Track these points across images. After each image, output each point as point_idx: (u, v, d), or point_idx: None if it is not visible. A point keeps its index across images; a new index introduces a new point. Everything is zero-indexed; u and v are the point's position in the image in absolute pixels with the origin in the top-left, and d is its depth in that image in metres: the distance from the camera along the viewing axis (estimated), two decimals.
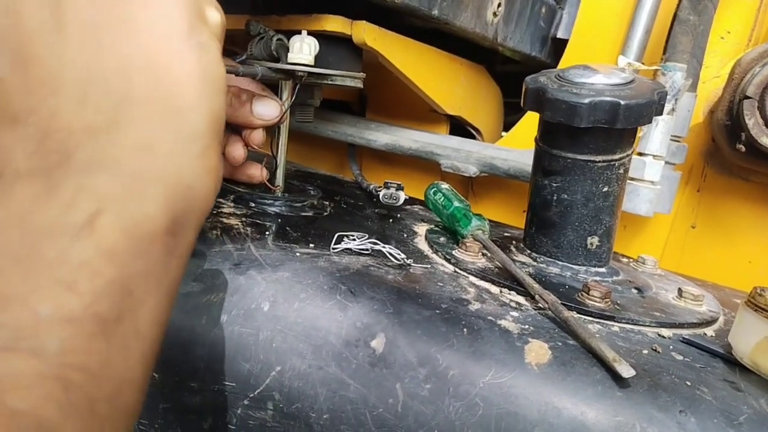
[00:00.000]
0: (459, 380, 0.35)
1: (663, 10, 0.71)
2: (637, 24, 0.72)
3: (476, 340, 0.37)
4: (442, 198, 0.59)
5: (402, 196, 0.63)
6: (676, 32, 0.60)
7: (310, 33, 0.56)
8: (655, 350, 0.39)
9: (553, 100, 0.45)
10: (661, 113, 0.46)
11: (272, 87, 0.58)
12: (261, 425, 0.38)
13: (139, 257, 0.22)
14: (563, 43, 0.87)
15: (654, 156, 0.61)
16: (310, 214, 0.58)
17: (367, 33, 0.59)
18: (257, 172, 0.54)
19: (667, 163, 0.66)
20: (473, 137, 0.90)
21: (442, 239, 0.55)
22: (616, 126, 0.44)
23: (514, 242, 0.57)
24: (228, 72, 0.49)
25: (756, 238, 0.73)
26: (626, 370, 0.34)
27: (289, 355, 0.38)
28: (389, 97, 0.91)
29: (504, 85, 0.96)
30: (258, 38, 0.57)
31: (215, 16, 0.29)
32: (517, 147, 0.79)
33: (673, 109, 0.60)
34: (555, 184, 0.50)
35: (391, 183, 0.63)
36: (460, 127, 0.90)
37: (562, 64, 0.82)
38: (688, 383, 0.35)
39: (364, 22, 0.59)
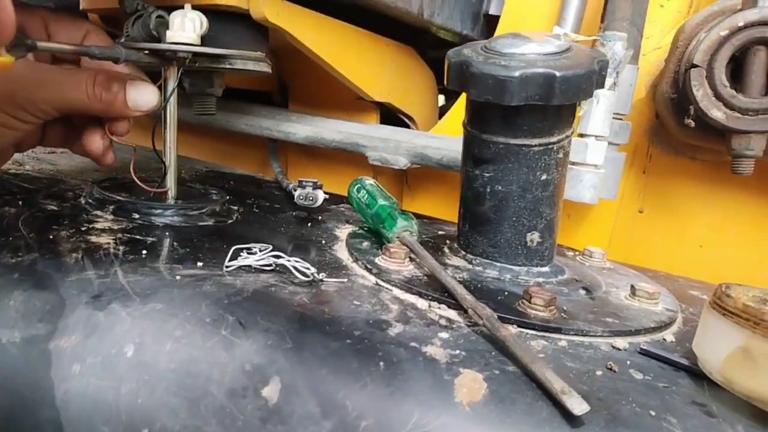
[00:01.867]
0: None
1: None
2: None
3: (395, 377, 0.29)
4: (366, 195, 0.52)
5: (320, 195, 0.55)
6: None
7: (198, 8, 0.47)
8: (611, 369, 0.33)
9: (479, 74, 0.38)
10: (602, 86, 0.40)
11: (158, 76, 0.49)
12: None
13: None
14: (496, 20, 0.80)
15: (596, 137, 0.56)
16: (209, 223, 0.49)
17: (267, 6, 0.51)
18: (96, 145, 0.45)
19: (610, 143, 0.61)
20: (407, 126, 0.83)
21: (365, 244, 0.48)
22: (553, 102, 0.37)
23: (448, 242, 0.50)
24: (76, 53, 0.40)
25: (706, 220, 0.69)
26: (578, 405, 0.27)
27: (158, 413, 0.30)
28: (313, 85, 0.83)
29: (439, 70, 0.89)
30: (135, 16, 0.47)
31: None
32: (451, 134, 0.73)
33: (614, 84, 0.54)
34: (487, 174, 0.43)
35: (306, 181, 0.55)
36: (392, 117, 0.83)
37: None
38: (652, 413, 0.29)
39: None
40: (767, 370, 0.29)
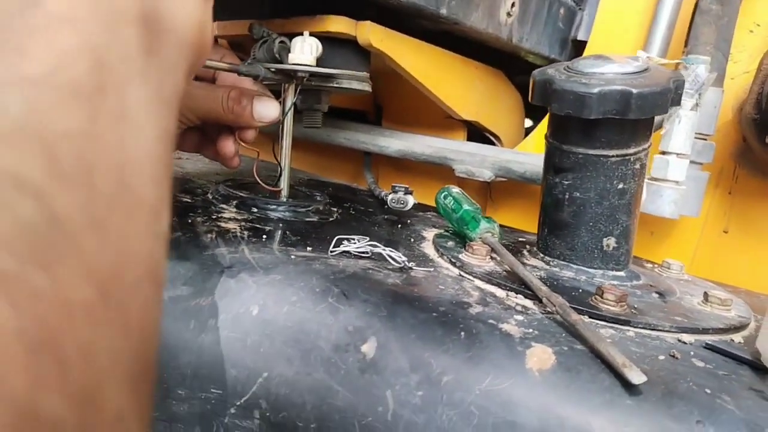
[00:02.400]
0: (453, 387, 0.32)
1: (686, 4, 0.68)
2: (659, 19, 0.69)
3: (474, 345, 0.34)
4: (452, 201, 0.57)
5: (410, 200, 0.61)
6: (697, 23, 0.57)
7: (314, 35, 0.55)
8: (673, 356, 0.36)
9: (561, 91, 0.42)
10: (678, 103, 0.43)
11: (277, 94, 0.57)
12: None
13: (107, 31, 0.20)
14: (584, 45, 0.84)
15: (678, 154, 0.58)
16: (314, 219, 0.56)
17: (372, 33, 0.58)
18: (229, 149, 0.53)
19: (693, 162, 0.62)
20: (492, 144, 0.87)
21: (450, 243, 0.53)
22: (629, 116, 0.41)
23: (527, 246, 0.54)
24: (230, 71, 0.48)
25: None
26: (637, 376, 0.31)
27: (276, 360, 0.36)
28: (404, 105, 0.90)
29: (526, 93, 0.93)
30: (261, 41, 0.56)
31: None
32: (535, 151, 0.77)
33: (696, 104, 0.57)
34: (566, 182, 0.47)
35: (399, 187, 0.61)
36: (478, 135, 0.88)
37: None
38: (708, 391, 0.32)
39: (369, 22, 0.57)
40: None
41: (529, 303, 0.41)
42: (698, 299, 0.47)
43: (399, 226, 0.61)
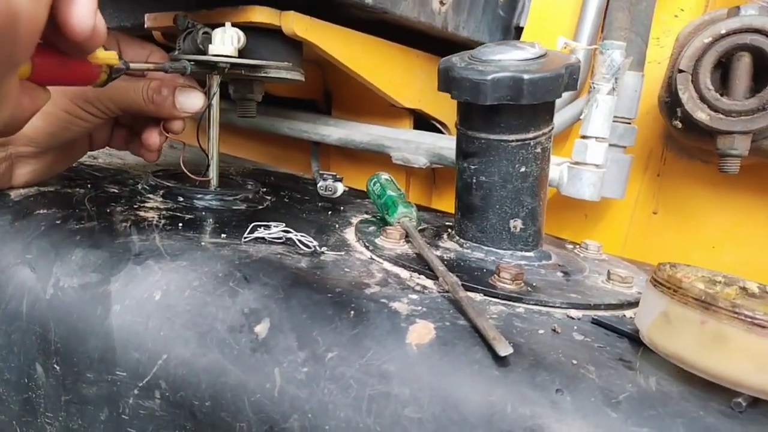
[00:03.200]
0: (336, 362, 0.34)
1: None
2: (588, 4, 0.70)
3: (361, 323, 0.36)
4: (379, 187, 0.58)
5: (340, 187, 0.63)
6: (612, 8, 0.59)
7: (239, 25, 0.56)
8: (555, 331, 0.38)
9: (459, 78, 0.44)
10: (574, 88, 0.45)
11: (204, 84, 0.58)
12: (150, 415, 0.38)
13: None
14: None
15: (596, 138, 0.60)
16: (242, 207, 0.57)
17: (296, 23, 0.59)
18: (153, 140, 0.54)
19: (615, 146, 0.64)
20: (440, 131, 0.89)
21: (371, 228, 0.54)
22: (522, 102, 0.43)
23: (448, 230, 0.56)
24: (156, 70, 0.49)
25: (718, 223, 0.71)
26: (504, 348, 0.33)
27: (175, 342, 0.37)
28: (352, 93, 0.91)
29: None
30: (186, 33, 0.57)
31: None
32: None
33: (613, 89, 0.58)
34: (473, 167, 0.48)
35: (327, 174, 0.62)
36: (428, 123, 0.89)
37: None
38: (575, 362, 0.33)
39: (293, 12, 0.58)
40: (681, 331, 0.33)
41: (429, 283, 0.43)
42: (603, 277, 0.49)
43: (330, 212, 0.62)
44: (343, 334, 0.35)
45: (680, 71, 0.53)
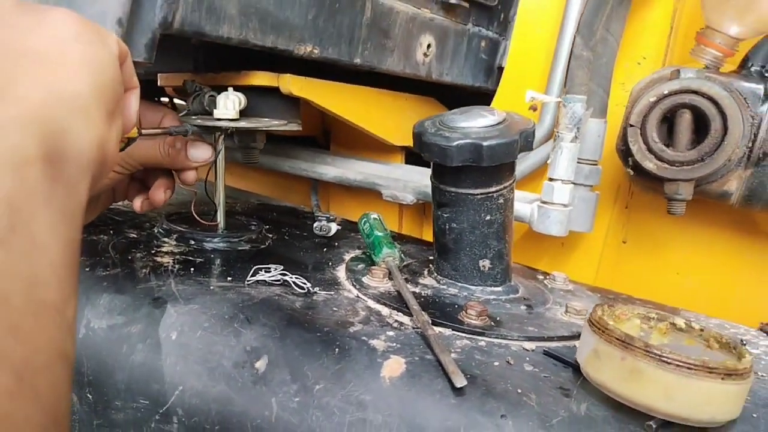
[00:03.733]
0: (322, 393, 0.41)
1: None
2: (558, 56, 0.77)
3: (344, 359, 0.43)
4: (368, 227, 0.66)
5: (333, 227, 0.70)
6: (572, 67, 0.66)
7: (242, 87, 0.64)
8: (509, 362, 0.44)
9: (429, 143, 0.51)
10: (529, 149, 0.52)
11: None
12: None
13: (13, 176, 0.26)
14: None
15: (562, 180, 0.67)
16: (246, 248, 0.64)
17: (292, 84, 0.66)
18: (161, 198, 0.60)
19: (582, 185, 0.71)
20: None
21: (359, 266, 0.62)
22: (483, 164, 0.50)
23: (429, 266, 0.63)
24: (162, 133, 0.56)
25: (682, 251, 0.77)
26: (459, 380, 0.39)
27: (189, 376, 0.45)
28: (348, 131, 0.98)
29: None
30: (194, 95, 0.65)
31: (112, 39, 0.36)
32: None
33: (576, 137, 0.65)
34: (446, 215, 0.56)
35: (321, 216, 0.70)
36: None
37: (498, 91, 0.87)
38: (519, 391, 0.40)
39: (289, 75, 0.66)
40: (607, 365, 0.40)
41: (406, 319, 0.50)
42: (563, 309, 0.56)
43: (325, 249, 0.69)
44: (329, 369, 0.42)
45: (630, 125, 0.60)
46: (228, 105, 0.60)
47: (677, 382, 0.37)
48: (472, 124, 0.52)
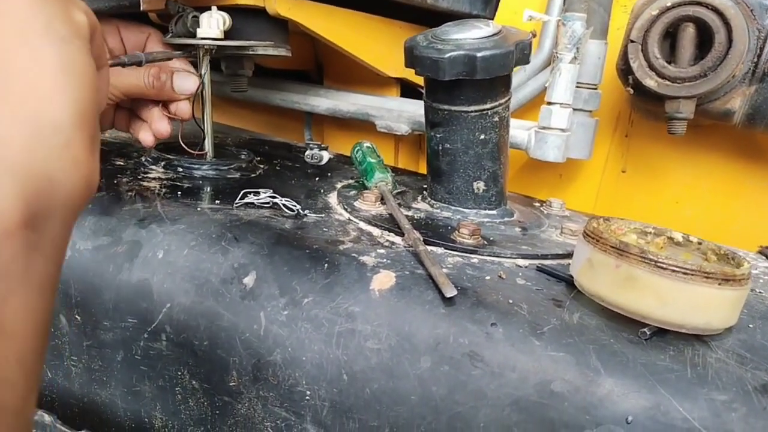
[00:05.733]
0: (311, 306, 0.41)
1: None
2: None
3: (333, 273, 0.42)
4: (360, 155, 0.64)
5: (325, 155, 0.68)
6: None
7: (225, 8, 0.61)
8: (500, 277, 0.44)
9: (420, 57, 0.49)
10: (525, 62, 0.50)
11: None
12: (158, 355, 0.45)
13: None
14: None
15: (560, 104, 0.65)
16: (236, 176, 0.63)
17: (279, 4, 0.63)
18: (165, 129, 0.59)
19: (581, 110, 0.69)
20: None
21: (351, 192, 0.60)
22: (476, 77, 0.48)
23: (423, 192, 0.62)
24: (113, 65, 0.54)
25: (681, 179, 0.76)
26: (449, 291, 0.39)
27: (176, 293, 0.44)
28: (341, 64, 0.95)
29: None
30: (177, 17, 0.62)
31: (80, 17, 0.29)
32: None
33: (575, 58, 0.63)
34: (439, 135, 0.54)
35: (313, 144, 0.68)
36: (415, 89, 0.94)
37: (496, 18, 0.84)
38: (510, 301, 0.40)
39: None
40: (601, 274, 0.39)
41: (397, 240, 0.49)
42: (558, 231, 0.55)
43: (317, 178, 0.68)
44: (318, 283, 0.42)
45: (631, 41, 0.58)
46: (212, 24, 0.57)
47: (673, 287, 0.36)
48: (466, 35, 0.49)
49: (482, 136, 0.52)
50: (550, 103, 0.66)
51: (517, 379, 0.35)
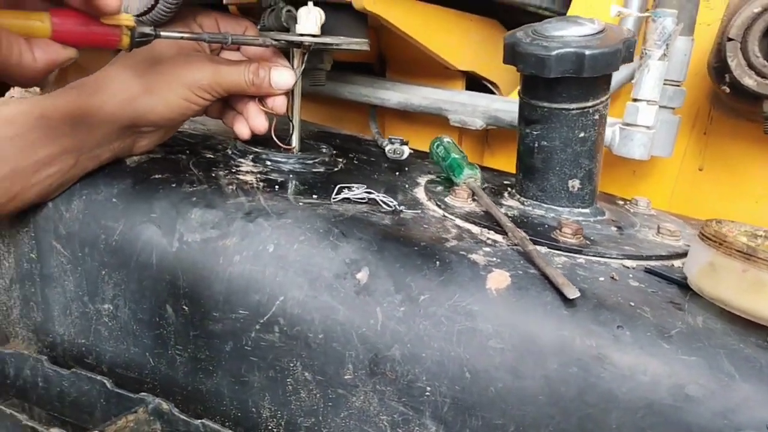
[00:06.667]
0: (428, 303, 0.41)
1: None
2: None
3: (446, 271, 0.43)
4: (443, 150, 0.64)
5: (406, 150, 0.68)
6: None
7: (315, 2, 0.61)
8: (613, 278, 0.44)
9: (524, 53, 0.49)
10: (629, 60, 0.49)
11: (284, 53, 0.64)
12: (270, 346, 0.46)
13: None
14: None
15: (647, 101, 0.64)
16: (321, 170, 0.64)
17: None
18: (263, 124, 0.60)
19: (665, 107, 0.68)
20: (491, 91, 0.93)
21: (438, 188, 0.60)
22: (583, 75, 0.48)
23: (509, 189, 0.62)
24: (194, 39, 0.54)
25: (762, 178, 0.74)
26: (571, 292, 0.39)
27: (290, 287, 0.45)
28: (406, 57, 0.95)
29: None
30: (270, 10, 0.62)
31: None
32: None
33: (664, 55, 0.62)
34: (536, 132, 0.54)
35: (395, 138, 0.68)
36: (478, 82, 0.93)
37: (570, 11, 0.83)
38: (632, 303, 0.40)
39: None
40: (725, 278, 0.39)
41: (498, 237, 0.49)
42: (653, 231, 0.55)
43: (397, 173, 0.68)
44: (432, 281, 0.42)
45: (729, 39, 0.57)
46: (311, 19, 0.57)
47: None
48: (571, 32, 0.49)
49: (582, 134, 0.52)
50: (636, 100, 0.65)
51: (650, 382, 0.35)
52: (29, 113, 0.50)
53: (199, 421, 0.46)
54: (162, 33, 0.49)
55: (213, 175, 0.56)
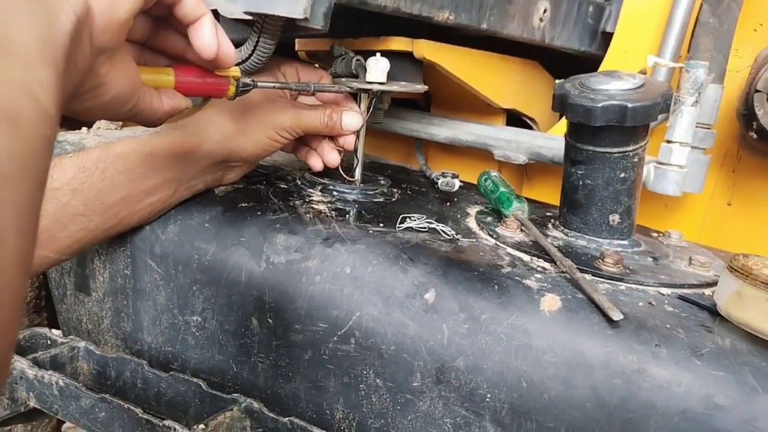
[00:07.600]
0: (489, 322, 0.47)
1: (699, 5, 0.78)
2: (673, 22, 0.79)
3: (504, 294, 0.49)
4: (491, 184, 0.71)
5: (457, 183, 0.75)
6: (697, 34, 0.68)
7: (382, 52, 0.69)
8: (650, 303, 0.50)
9: (574, 104, 0.56)
10: (666, 111, 0.56)
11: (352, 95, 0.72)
12: (346, 355, 0.52)
13: None
14: (611, 36, 0.94)
15: (680, 143, 0.70)
16: (381, 200, 0.71)
17: (426, 49, 0.71)
18: (335, 158, 0.69)
19: (696, 148, 0.74)
20: (530, 126, 1.00)
21: (488, 219, 0.67)
22: (626, 124, 0.54)
23: (552, 221, 0.68)
24: (283, 88, 0.62)
25: None
26: (616, 315, 0.45)
27: (365, 304, 0.52)
28: (450, 94, 1.02)
29: (560, 78, 1.05)
30: (340, 58, 0.70)
31: None
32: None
33: (696, 102, 0.68)
34: (580, 172, 0.60)
35: (447, 173, 0.75)
36: (517, 117, 1.00)
37: (608, 55, 0.90)
38: (668, 326, 0.46)
39: (424, 40, 0.71)
40: (751, 306, 0.44)
41: (547, 265, 0.55)
42: (686, 262, 0.60)
43: (448, 204, 0.75)
44: (492, 302, 0.49)
45: (757, 91, 0.63)
46: (379, 69, 0.65)
47: None
48: (614, 86, 0.56)
49: (622, 175, 0.58)
50: (669, 141, 0.71)
51: (684, 393, 0.41)
52: (140, 151, 0.58)
53: (287, 418, 0.52)
54: (259, 83, 0.57)
55: (291, 204, 0.64)
